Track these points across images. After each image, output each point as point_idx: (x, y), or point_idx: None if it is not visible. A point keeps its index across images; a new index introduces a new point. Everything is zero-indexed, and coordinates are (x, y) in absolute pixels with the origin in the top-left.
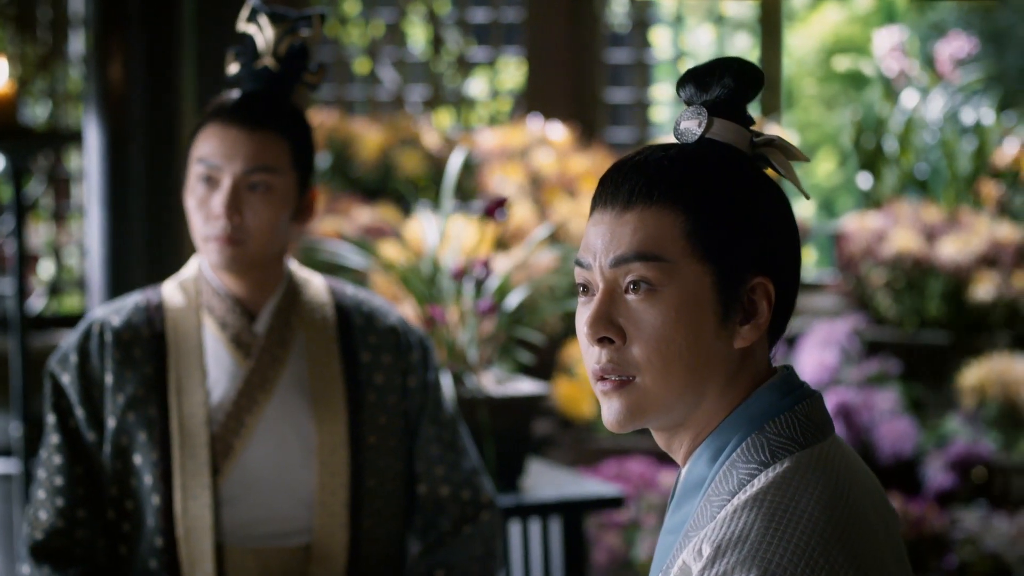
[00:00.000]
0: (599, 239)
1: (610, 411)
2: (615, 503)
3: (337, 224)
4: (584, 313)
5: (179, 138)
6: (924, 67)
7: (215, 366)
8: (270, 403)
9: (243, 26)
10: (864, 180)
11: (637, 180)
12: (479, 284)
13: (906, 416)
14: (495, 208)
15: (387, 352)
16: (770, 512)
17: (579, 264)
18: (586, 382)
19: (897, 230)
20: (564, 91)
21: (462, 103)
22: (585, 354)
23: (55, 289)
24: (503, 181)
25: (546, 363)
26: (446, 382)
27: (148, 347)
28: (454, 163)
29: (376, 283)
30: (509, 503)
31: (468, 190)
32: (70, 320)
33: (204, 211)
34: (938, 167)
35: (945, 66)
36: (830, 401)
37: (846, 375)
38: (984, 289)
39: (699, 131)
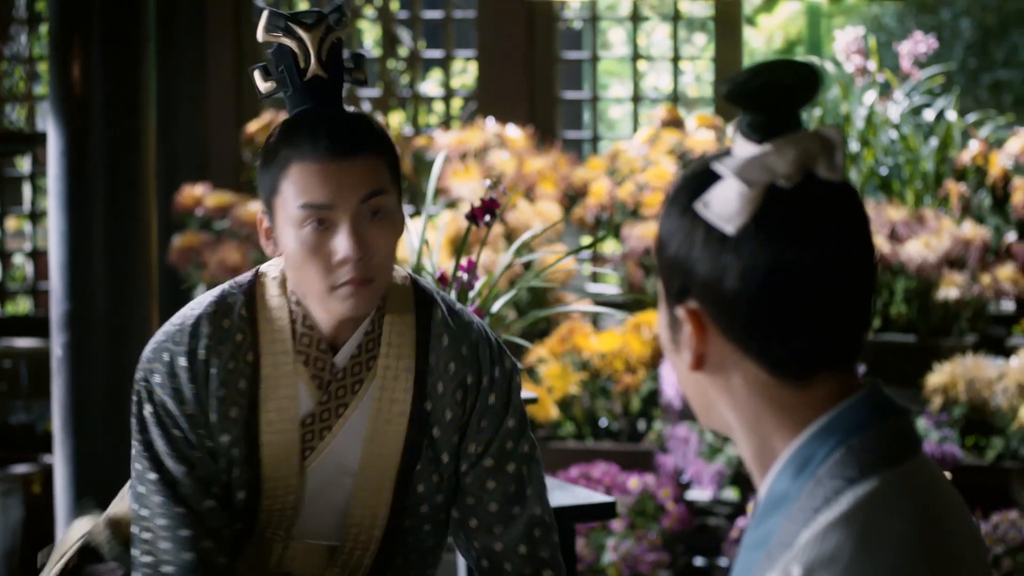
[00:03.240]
0: None
1: None
2: (608, 512)
3: None
4: None
5: (142, 140)
6: (881, 66)
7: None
8: (329, 446)
9: (267, 36)
10: None
11: None
12: (464, 289)
13: None
14: (483, 211)
15: (461, 388)
16: (861, 533)
17: None
18: (549, 384)
19: None
20: (518, 90)
21: (415, 102)
22: None
23: (2, 292)
24: (482, 185)
25: None
26: None
27: (241, 367)
28: (437, 164)
29: None
30: None
31: (425, 192)
32: (17, 324)
33: (322, 259)
34: (900, 166)
35: (906, 64)
36: None
37: None
38: (950, 289)
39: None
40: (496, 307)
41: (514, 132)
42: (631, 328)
